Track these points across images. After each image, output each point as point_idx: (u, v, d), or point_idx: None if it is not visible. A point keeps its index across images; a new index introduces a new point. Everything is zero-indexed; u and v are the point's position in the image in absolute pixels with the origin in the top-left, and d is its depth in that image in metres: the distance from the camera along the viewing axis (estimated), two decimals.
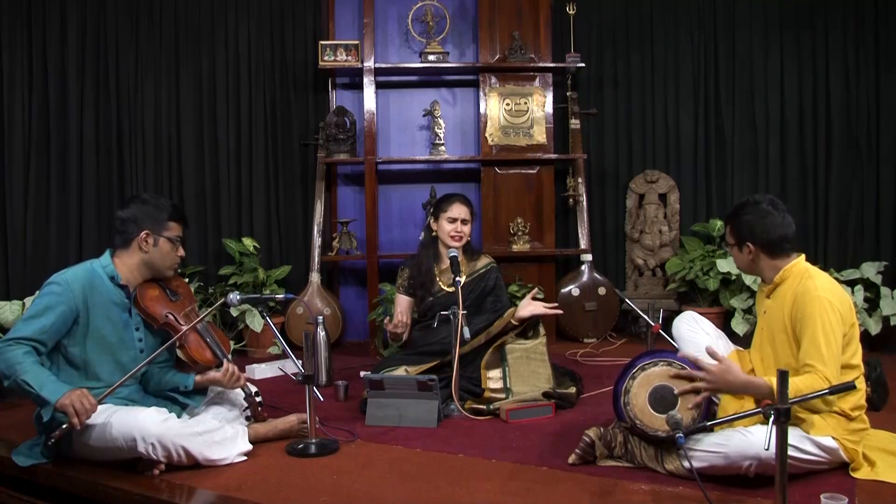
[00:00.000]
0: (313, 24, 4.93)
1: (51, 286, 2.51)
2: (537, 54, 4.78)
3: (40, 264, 4.26)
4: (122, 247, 2.65)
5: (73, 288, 2.51)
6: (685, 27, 5.02)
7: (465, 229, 3.47)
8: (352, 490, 2.32)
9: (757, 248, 2.46)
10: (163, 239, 2.65)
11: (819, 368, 2.23)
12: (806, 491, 2.21)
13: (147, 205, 2.66)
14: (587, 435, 2.50)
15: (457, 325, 3.11)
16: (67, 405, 2.29)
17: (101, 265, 2.62)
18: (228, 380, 2.67)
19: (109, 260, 2.64)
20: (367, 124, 4.63)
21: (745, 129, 4.97)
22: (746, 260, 2.51)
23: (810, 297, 2.32)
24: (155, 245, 2.64)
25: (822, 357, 2.25)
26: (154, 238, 2.64)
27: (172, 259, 2.70)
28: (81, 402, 2.30)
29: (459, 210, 3.47)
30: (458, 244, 3.45)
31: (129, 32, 4.57)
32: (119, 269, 2.63)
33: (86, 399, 2.32)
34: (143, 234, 2.62)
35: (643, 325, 4.60)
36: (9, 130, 4.29)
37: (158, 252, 2.66)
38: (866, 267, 4.44)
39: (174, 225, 2.68)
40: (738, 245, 2.50)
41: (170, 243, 2.67)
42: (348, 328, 4.91)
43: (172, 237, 2.67)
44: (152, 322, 2.65)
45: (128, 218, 2.64)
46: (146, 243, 2.63)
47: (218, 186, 4.77)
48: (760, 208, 2.46)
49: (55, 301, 2.48)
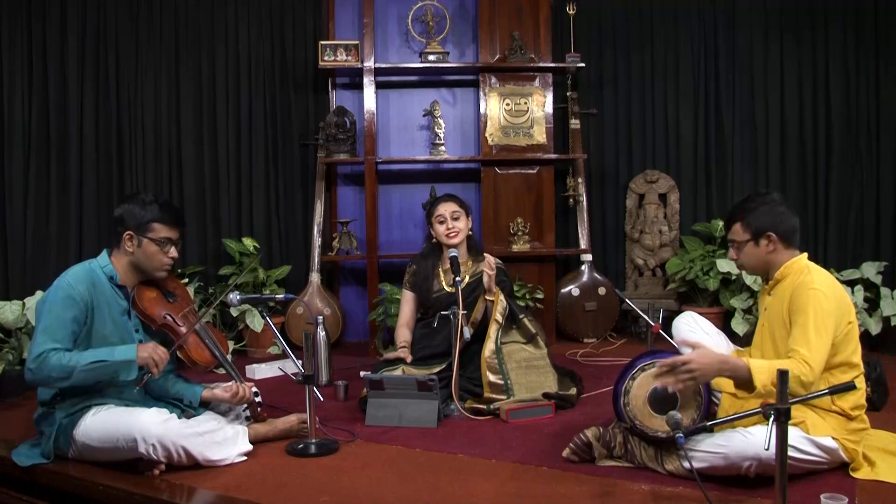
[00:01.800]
0: (313, 24, 4.93)
1: (57, 292, 2.48)
2: (537, 54, 4.78)
3: (40, 264, 4.26)
4: (116, 246, 2.64)
5: (79, 290, 2.50)
6: (685, 27, 5.02)
7: (457, 224, 3.43)
8: (352, 490, 2.33)
9: (778, 237, 2.43)
10: (146, 240, 2.59)
11: (802, 353, 2.23)
12: (806, 491, 2.21)
13: (133, 204, 2.62)
14: (584, 434, 2.50)
15: (457, 325, 3.11)
16: (147, 358, 2.45)
17: (99, 265, 2.62)
18: (235, 401, 2.68)
19: (107, 259, 2.63)
20: (367, 124, 4.63)
21: (745, 130, 4.97)
22: (763, 254, 2.46)
23: (805, 289, 2.33)
24: (139, 246, 2.60)
25: (809, 343, 2.24)
26: (138, 239, 2.59)
27: (160, 261, 2.63)
28: (156, 352, 2.46)
29: (445, 207, 3.44)
30: (456, 240, 3.42)
31: (129, 32, 4.56)
32: (116, 268, 2.62)
33: (159, 349, 2.48)
34: (126, 235, 2.60)
35: (643, 325, 4.60)
36: (9, 130, 4.29)
37: (143, 253, 2.60)
38: (866, 267, 4.44)
39: (159, 226, 2.60)
40: (755, 238, 2.45)
41: (154, 245, 2.60)
42: (348, 328, 4.90)
43: (157, 238, 2.60)
44: (150, 323, 2.65)
45: (116, 217, 2.63)
46: (130, 244, 2.60)
47: (218, 186, 4.77)
48: (771, 198, 2.47)
49: (66, 307, 2.46)
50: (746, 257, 2.51)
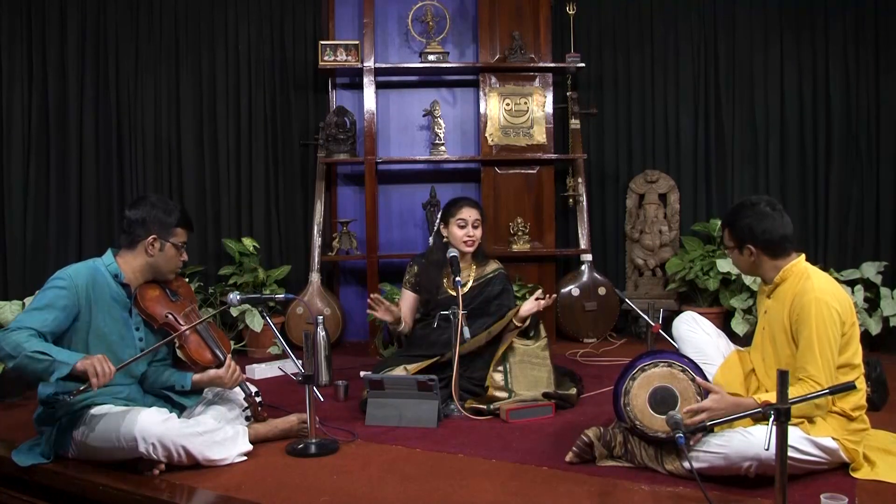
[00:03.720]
0: (313, 24, 4.93)
1: (55, 281, 2.51)
2: (537, 54, 4.78)
3: (40, 264, 4.26)
4: (128, 247, 2.66)
5: (77, 283, 2.51)
6: (685, 27, 5.02)
7: (476, 233, 3.43)
8: (352, 490, 2.33)
9: (758, 250, 2.45)
10: (169, 244, 2.66)
11: (812, 374, 2.25)
12: (806, 491, 2.21)
13: (156, 209, 2.66)
14: (585, 434, 2.50)
15: (457, 325, 3.11)
16: (88, 365, 2.27)
17: (103, 263, 2.63)
18: (230, 377, 2.67)
19: (112, 258, 2.65)
20: (367, 124, 4.63)
21: (745, 129, 4.97)
22: (748, 262, 2.50)
23: (808, 299, 2.32)
24: (161, 250, 2.65)
25: (817, 363, 2.26)
26: (161, 243, 2.65)
27: (176, 263, 2.72)
28: (102, 365, 2.29)
29: (469, 212, 3.43)
30: (471, 249, 3.44)
31: (129, 32, 4.57)
32: (122, 268, 2.63)
33: (106, 363, 2.31)
34: (151, 239, 2.63)
35: (643, 325, 4.60)
36: (8, 130, 4.29)
37: (164, 257, 2.67)
38: (866, 267, 4.44)
39: (181, 231, 2.70)
40: (739, 247, 2.49)
41: (175, 249, 2.69)
42: (348, 328, 4.91)
43: (179, 243, 2.69)
44: (152, 322, 2.66)
45: (136, 220, 2.64)
46: (153, 247, 2.64)
47: (218, 186, 4.77)
48: (758, 209, 2.45)
49: (59, 295, 2.47)
50: (736, 263, 2.58)
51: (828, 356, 2.27)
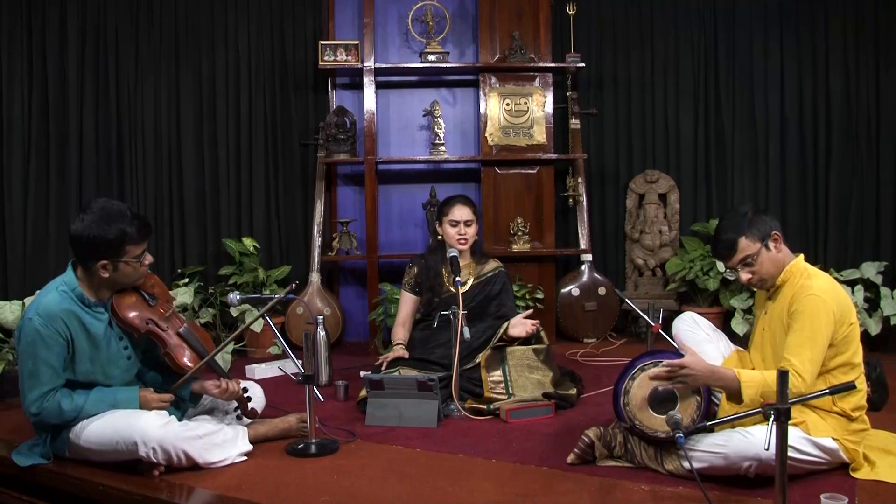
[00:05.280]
0: (313, 24, 4.93)
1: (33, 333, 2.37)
2: (537, 54, 4.78)
3: (40, 264, 4.27)
4: (82, 266, 2.49)
5: (58, 327, 2.40)
6: (685, 27, 5.02)
7: (469, 231, 3.43)
8: (352, 490, 2.33)
9: (780, 234, 2.44)
10: (122, 263, 2.46)
11: (794, 364, 2.25)
12: (806, 491, 2.21)
13: (98, 226, 2.40)
14: (586, 435, 2.50)
15: (457, 326, 3.10)
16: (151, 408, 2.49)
17: (68, 287, 2.47)
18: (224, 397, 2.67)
19: (74, 280, 2.48)
20: (367, 124, 4.63)
21: (745, 129, 4.97)
22: (776, 255, 2.43)
23: (805, 295, 2.34)
24: (115, 270, 2.47)
25: (802, 354, 2.26)
26: (113, 264, 2.45)
27: (138, 274, 2.53)
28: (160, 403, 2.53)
29: (461, 212, 3.43)
30: (465, 247, 3.44)
31: (129, 32, 4.57)
32: (84, 288, 2.49)
33: (163, 399, 2.54)
34: (100, 265, 2.44)
35: (643, 325, 4.60)
36: (8, 130, 4.29)
37: (120, 275, 2.49)
38: (866, 267, 4.44)
39: (132, 248, 2.46)
40: (764, 243, 2.42)
41: (130, 265, 2.48)
42: (348, 328, 4.90)
43: (132, 259, 2.48)
44: (133, 332, 2.56)
45: (81, 240, 2.42)
46: (105, 270, 2.45)
47: (218, 186, 4.77)
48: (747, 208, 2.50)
49: (47, 346, 2.38)
50: (764, 265, 2.44)
51: (814, 351, 2.27)
